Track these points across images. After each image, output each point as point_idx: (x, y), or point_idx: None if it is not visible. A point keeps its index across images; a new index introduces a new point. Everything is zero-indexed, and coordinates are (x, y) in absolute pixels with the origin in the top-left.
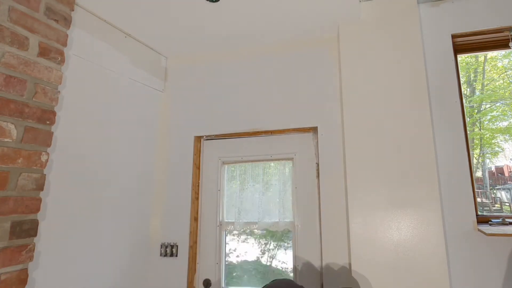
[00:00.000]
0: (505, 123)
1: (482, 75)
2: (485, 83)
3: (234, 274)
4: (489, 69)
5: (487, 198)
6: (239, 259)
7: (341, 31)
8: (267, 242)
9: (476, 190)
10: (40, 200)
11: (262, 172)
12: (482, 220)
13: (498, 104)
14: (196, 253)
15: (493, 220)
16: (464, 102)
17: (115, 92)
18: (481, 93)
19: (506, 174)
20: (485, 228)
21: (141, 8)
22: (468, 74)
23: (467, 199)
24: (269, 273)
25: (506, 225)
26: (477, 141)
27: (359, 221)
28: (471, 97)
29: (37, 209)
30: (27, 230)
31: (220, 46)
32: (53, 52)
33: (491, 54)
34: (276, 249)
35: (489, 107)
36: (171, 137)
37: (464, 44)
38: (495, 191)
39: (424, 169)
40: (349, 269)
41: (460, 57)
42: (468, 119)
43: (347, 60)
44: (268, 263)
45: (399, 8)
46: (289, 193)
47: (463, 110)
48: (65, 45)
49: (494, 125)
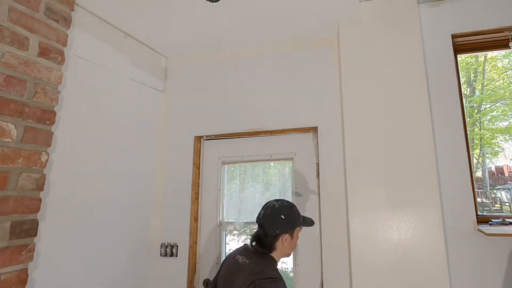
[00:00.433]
0: (505, 123)
1: (482, 75)
2: (485, 83)
3: None
4: (489, 69)
5: (487, 198)
6: None
7: (341, 31)
8: None
9: (476, 190)
10: (40, 200)
11: (262, 172)
12: (482, 220)
13: (498, 104)
14: (196, 253)
15: (493, 220)
16: (464, 102)
17: (115, 92)
18: (481, 93)
19: (506, 174)
20: (485, 228)
21: (141, 8)
22: (468, 74)
23: (467, 199)
24: None
25: (506, 225)
26: (477, 141)
27: (359, 221)
28: (471, 97)
29: (37, 209)
30: (27, 230)
31: (220, 46)
32: (53, 52)
33: (491, 54)
34: None
35: (489, 107)
36: (171, 137)
37: (464, 44)
38: (495, 191)
39: (424, 169)
40: (349, 269)
41: (460, 57)
42: (468, 119)
43: (347, 60)
44: None
45: (399, 8)
46: (289, 193)
47: (463, 110)
48: (65, 45)
49: (494, 125)
